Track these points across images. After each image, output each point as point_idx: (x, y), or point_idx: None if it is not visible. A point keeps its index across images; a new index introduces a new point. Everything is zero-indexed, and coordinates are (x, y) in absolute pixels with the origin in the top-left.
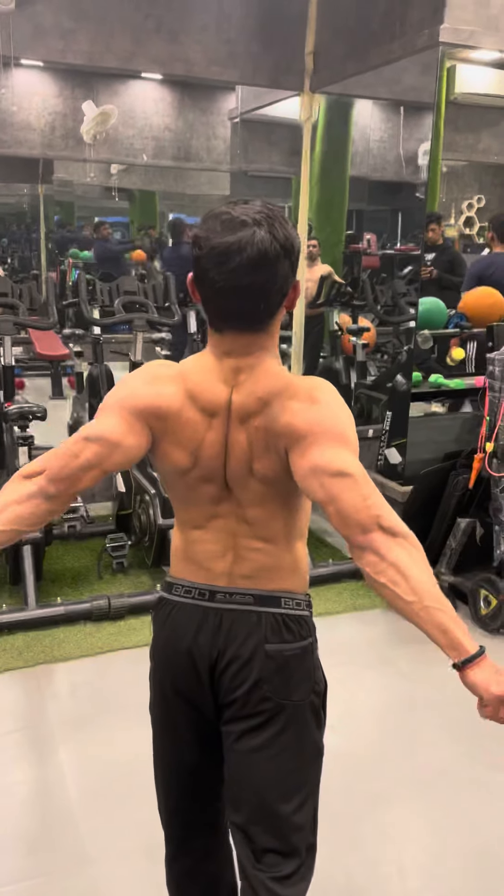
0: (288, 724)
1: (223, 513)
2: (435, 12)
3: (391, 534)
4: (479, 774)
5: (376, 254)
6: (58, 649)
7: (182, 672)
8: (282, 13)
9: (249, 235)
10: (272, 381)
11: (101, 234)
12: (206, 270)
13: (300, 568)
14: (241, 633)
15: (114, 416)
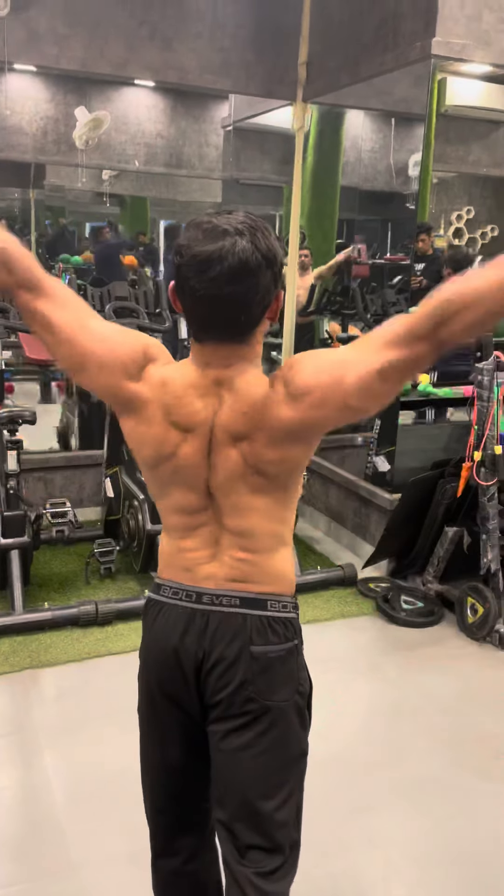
0: (272, 724)
1: (207, 521)
2: (427, 25)
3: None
4: (465, 782)
5: (367, 263)
6: (45, 654)
7: (168, 672)
8: (276, 23)
9: (231, 245)
10: (253, 391)
11: (102, 236)
12: (187, 279)
13: (285, 573)
14: (227, 634)
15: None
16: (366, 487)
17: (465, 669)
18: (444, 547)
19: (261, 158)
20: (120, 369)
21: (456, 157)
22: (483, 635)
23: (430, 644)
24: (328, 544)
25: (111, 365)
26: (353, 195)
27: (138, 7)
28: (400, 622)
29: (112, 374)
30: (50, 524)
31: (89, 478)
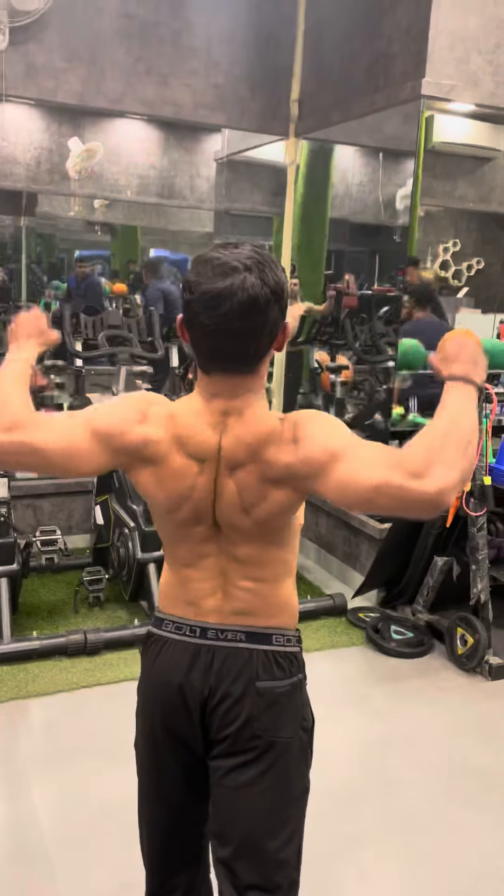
0: (276, 761)
1: (213, 552)
2: (417, 66)
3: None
4: (455, 814)
5: (355, 294)
6: (32, 684)
7: (172, 709)
8: (269, 62)
9: (240, 281)
10: (260, 425)
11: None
12: (197, 314)
13: (290, 604)
14: (233, 670)
15: (97, 439)
16: (356, 517)
17: (455, 701)
18: (433, 577)
19: (251, 190)
20: (127, 423)
21: (443, 192)
22: (473, 666)
23: (420, 675)
24: (318, 573)
25: (118, 426)
26: (341, 227)
27: (135, 44)
28: (390, 653)
29: (124, 434)
30: (39, 552)
31: (78, 505)
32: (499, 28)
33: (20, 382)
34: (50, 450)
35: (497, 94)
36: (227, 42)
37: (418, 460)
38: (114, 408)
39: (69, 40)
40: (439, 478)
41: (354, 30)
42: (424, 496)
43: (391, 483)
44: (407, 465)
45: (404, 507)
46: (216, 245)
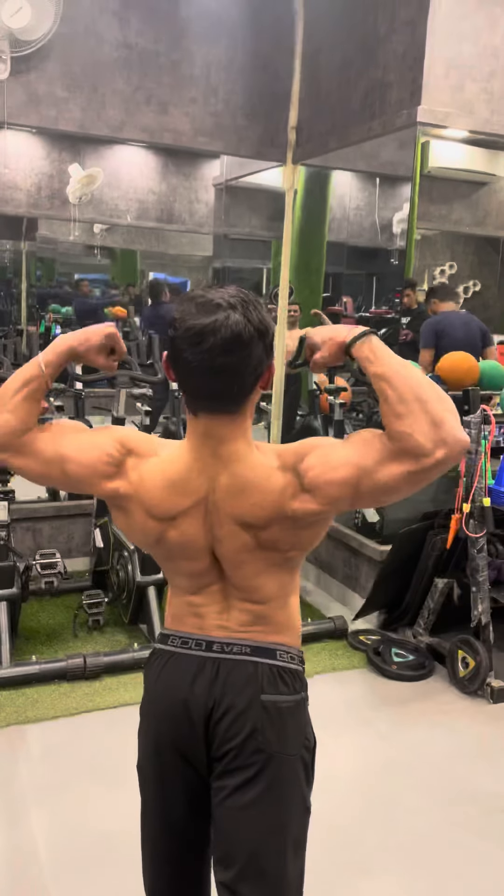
0: (279, 780)
1: (214, 581)
2: (413, 95)
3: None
4: (460, 840)
5: (353, 316)
6: (31, 709)
7: (176, 723)
8: (267, 90)
9: (224, 318)
10: (261, 480)
11: (81, 290)
12: (181, 351)
13: (294, 622)
14: (238, 682)
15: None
16: (355, 538)
17: (458, 724)
18: (434, 599)
19: (249, 214)
20: (96, 475)
21: (439, 216)
22: (474, 689)
23: (422, 698)
24: (318, 595)
25: (87, 476)
26: (339, 251)
27: (135, 73)
28: (391, 676)
29: (91, 485)
30: (39, 575)
31: (78, 528)
32: (493, 56)
33: (28, 395)
34: (28, 473)
35: (492, 120)
36: (225, 71)
37: (417, 441)
38: (89, 452)
39: (70, 70)
40: (444, 439)
41: (351, 58)
42: (446, 460)
43: (412, 471)
44: (412, 451)
45: (434, 475)
46: (202, 286)
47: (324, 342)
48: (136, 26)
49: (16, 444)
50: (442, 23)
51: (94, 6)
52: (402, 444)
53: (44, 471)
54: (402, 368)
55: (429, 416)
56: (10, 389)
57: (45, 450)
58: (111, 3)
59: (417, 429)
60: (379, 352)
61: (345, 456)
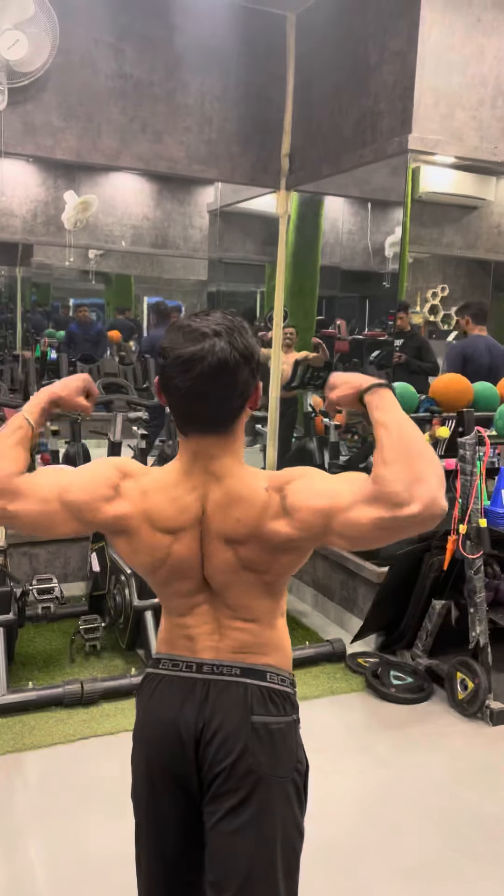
0: (270, 802)
1: (204, 601)
2: (404, 123)
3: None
4: (461, 865)
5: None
6: (28, 736)
7: (167, 746)
8: (260, 118)
9: (210, 346)
10: (247, 497)
11: (79, 316)
12: (171, 378)
13: (283, 645)
14: (228, 703)
15: (65, 509)
16: (352, 560)
17: (457, 747)
18: (432, 621)
19: (243, 239)
20: (97, 498)
21: (430, 239)
22: (474, 711)
23: (421, 721)
24: (315, 618)
25: (88, 501)
26: (331, 274)
27: (130, 103)
28: (390, 698)
29: (92, 510)
30: (35, 601)
31: (74, 552)
32: (481, 85)
33: (18, 441)
34: (25, 517)
35: (481, 147)
36: (219, 100)
37: (395, 488)
38: (87, 479)
39: (66, 100)
40: (420, 496)
41: (342, 88)
42: (416, 519)
43: (381, 517)
44: (388, 498)
45: (405, 532)
46: (190, 314)
47: (343, 384)
48: (130, 57)
49: (10, 487)
50: (431, 53)
51: (89, 38)
52: (382, 488)
53: (42, 510)
54: (405, 423)
55: (414, 471)
56: (2, 438)
57: (41, 487)
58: (106, 35)
59: (400, 478)
60: (388, 402)
61: (327, 487)
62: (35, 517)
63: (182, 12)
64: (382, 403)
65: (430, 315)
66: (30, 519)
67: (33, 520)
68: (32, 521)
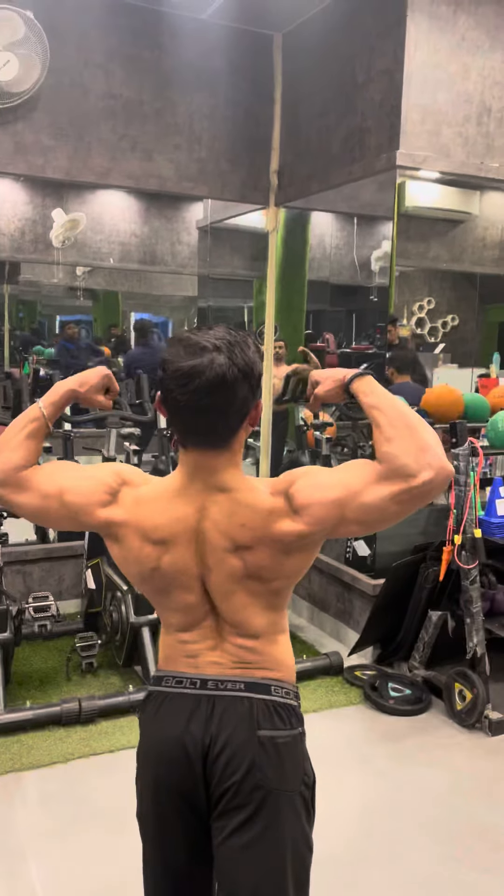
0: (278, 816)
1: (205, 616)
2: (391, 139)
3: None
4: (464, 877)
5: (335, 352)
6: (27, 756)
7: (174, 764)
8: (248, 136)
9: (209, 360)
10: (251, 503)
11: (67, 334)
12: (171, 391)
13: (286, 658)
14: (234, 719)
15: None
16: (348, 573)
17: (457, 759)
18: (428, 632)
19: (231, 255)
20: (93, 503)
21: (417, 253)
22: (472, 722)
23: (420, 733)
24: (311, 632)
25: (84, 504)
26: (319, 289)
27: (120, 122)
28: (388, 711)
29: (87, 513)
30: (32, 619)
31: (68, 570)
32: (466, 102)
33: (31, 433)
34: (26, 508)
35: (468, 163)
36: (207, 118)
37: (404, 461)
38: (86, 482)
39: (57, 119)
40: (429, 463)
41: (329, 106)
42: (431, 485)
43: (397, 492)
44: (399, 471)
45: (421, 501)
46: (192, 327)
47: (325, 379)
48: (120, 77)
49: (16, 479)
50: (417, 72)
51: (79, 58)
52: (391, 465)
53: (42, 504)
54: (394, 401)
55: (416, 441)
56: (14, 430)
57: (44, 483)
58: (96, 56)
59: (405, 450)
60: (374, 386)
61: (335, 478)
62: (35, 510)
63: (170, 33)
64: (369, 388)
65: (417, 328)
66: (30, 510)
67: (34, 512)
68: (33, 512)
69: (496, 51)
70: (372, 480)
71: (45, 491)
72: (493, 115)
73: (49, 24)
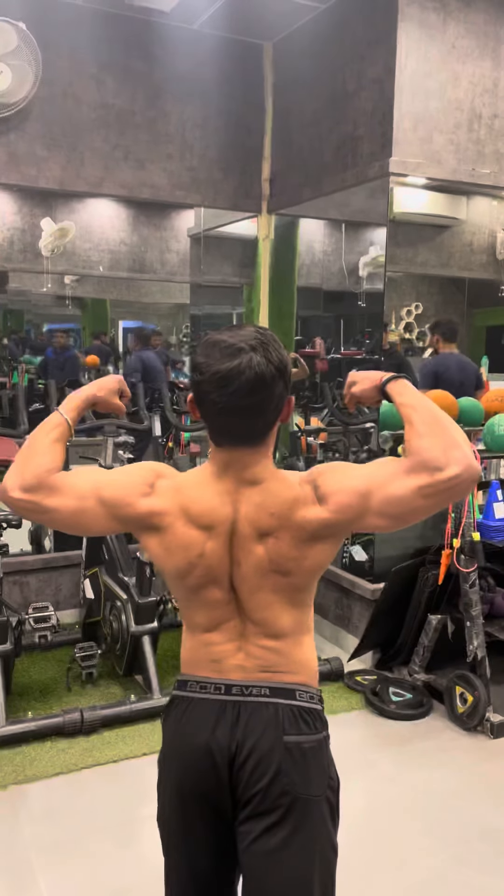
0: (305, 821)
1: (231, 615)
2: (384, 147)
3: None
4: (472, 880)
5: (326, 358)
6: (30, 768)
7: (200, 769)
8: (240, 144)
9: (247, 361)
10: (281, 493)
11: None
12: (208, 393)
13: (310, 662)
14: (260, 725)
15: (106, 509)
16: (347, 578)
17: (460, 762)
18: (428, 636)
19: (221, 262)
20: (134, 493)
21: (405, 259)
22: (474, 725)
23: (423, 737)
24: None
25: (125, 496)
26: (308, 295)
27: (112, 132)
28: (390, 715)
29: (128, 504)
30: (32, 629)
31: (65, 580)
32: (457, 110)
33: (56, 438)
34: (60, 512)
35: (459, 169)
36: (199, 127)
37: (433, 454)
38: (123, 477)
39: (50, 130)
40: (458, 459)
41: (321, 114)
42: (457, 479)
43: (423, 485)
44: (427, 464)
45: (447, 497)
46: (222, 329)
47: (362, 380)
48: (112, 87)
49: (48, 482)
50: (408, 80)
51: (72, 69)
52: (420, 457)
53: (78, 505)
54: (426, 402)
55: (446, 438)
56: (39, 436)
57: (78, 484)
58: (88, 66)
59: (436, 444)
60: (408, 388)
61: (363, 471)
62: (71, 513)
63: (161, 43)
64: (404, 390)
65: (405, 333)
66: (65, 514)
67: (69, 516)
68: (68, 517)
69: (486, 58)
70: (399, 473)
71: (80, 491)
72: (483, 122)
73: (41, 35)
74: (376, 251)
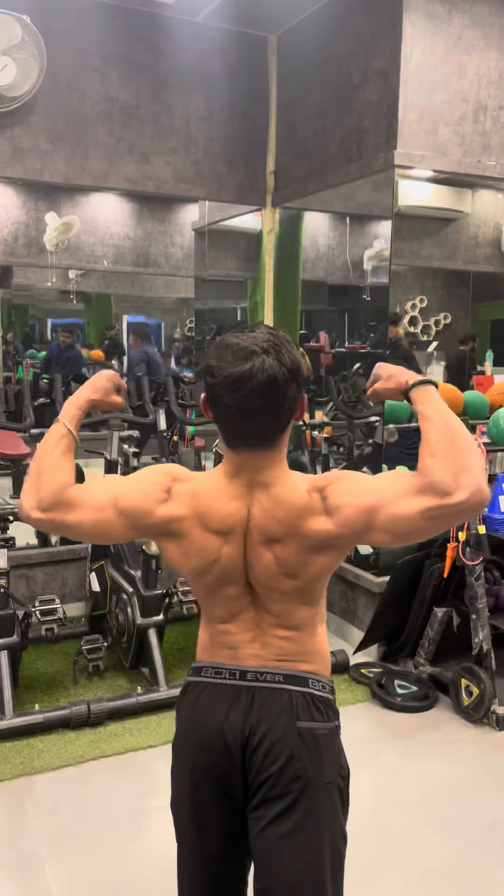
0: (316, 807)
1: (247, 607)
2: (389, 139)
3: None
4: (478, 871)
5: (330, 352)
6: (37, 760)
7: (213, 753)
8: (244, 138)
9: (259, 363)
10: (289, 501)
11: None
12: (220, 396)
13: (323, 651)
14: (273, 710)
15: (123, 515)
16: (352, 571)
17: (466, 754)
18: (433, 628)
19: (224, 256)
20: (152, 501)
21: (410, 252)
22: (479, 717)
23: (428, 729)
24: None
25: (143, 504)
26: (312, 288)
27: (117, 125)
28: (396, 708)
29: (147, 513)
30: (39, 622)
31: (71, 573)
32: (462, 101)
33: (64, 451)
34: (82, 527)
35: (464, 161)
36: (204, 121)
37: (443, 476)
38: (139, 485)
39: (54, 124)
40: (467, 485)
41: (326, 107)
42: (463, 506)
43: (429, 507)
44: (435, 486)
45: (451, 521)
46: (233, 330)
47: (389, 377)
48: (116, 81)
49: (65, 498)
50: (414, 72)
51: (76, 63)
52: (429, 479)
53: (97, 517)
54: (449, 416)
55: (460, 461)
56: (45, 452)
57: (95, 496)
58: (93, 60)
59: (446, 467)
60: (433, 397)
61: (370, 486)
62: (91, 525)
63: (165, 36)
64: (427, 398)
65: (410, 326)
66: (87, 528)
67: (90, 529)
68: (89, 529)
69: (491, 49)
70: (408, 492)
71: (98, 503)
72: (489, 114)
73: (46, 28)
74: (381, 244)
